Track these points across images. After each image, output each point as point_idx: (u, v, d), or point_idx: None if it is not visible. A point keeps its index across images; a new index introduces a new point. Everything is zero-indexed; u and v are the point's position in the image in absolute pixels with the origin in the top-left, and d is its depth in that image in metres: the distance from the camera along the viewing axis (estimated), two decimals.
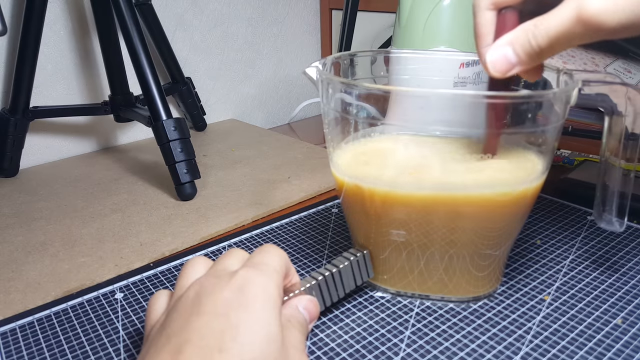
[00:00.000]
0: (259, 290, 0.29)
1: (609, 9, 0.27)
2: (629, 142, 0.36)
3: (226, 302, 0.28)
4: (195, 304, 0.28)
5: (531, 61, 0.31)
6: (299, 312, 0.33)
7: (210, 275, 0.30)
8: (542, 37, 0.30)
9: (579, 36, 0.28)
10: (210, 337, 0.26)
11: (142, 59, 0.59)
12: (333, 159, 0.38)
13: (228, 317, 0.27)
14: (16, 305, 0.41)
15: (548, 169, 0.36)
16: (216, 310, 0.27)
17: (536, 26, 0.30)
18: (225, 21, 0.91)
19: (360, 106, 0.36)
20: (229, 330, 0.26)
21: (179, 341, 0.26)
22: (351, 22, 0.81)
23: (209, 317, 0.27)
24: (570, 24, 0.28)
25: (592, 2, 0.27)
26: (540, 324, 0.37)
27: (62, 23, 0.74)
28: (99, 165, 0.74)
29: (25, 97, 0.67)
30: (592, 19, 0.27)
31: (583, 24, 0.28)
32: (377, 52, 0.43)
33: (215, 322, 0.27)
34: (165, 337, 0.27)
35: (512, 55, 0.31)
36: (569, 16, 0.28)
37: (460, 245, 0.36)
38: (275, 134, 0.85)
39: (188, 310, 0.28)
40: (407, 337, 0.36)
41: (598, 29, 0.27)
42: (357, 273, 0.38)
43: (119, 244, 0.51)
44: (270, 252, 0.33)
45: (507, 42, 0.31)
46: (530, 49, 0.30)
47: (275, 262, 0.32)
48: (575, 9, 0.28)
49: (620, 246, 0.46)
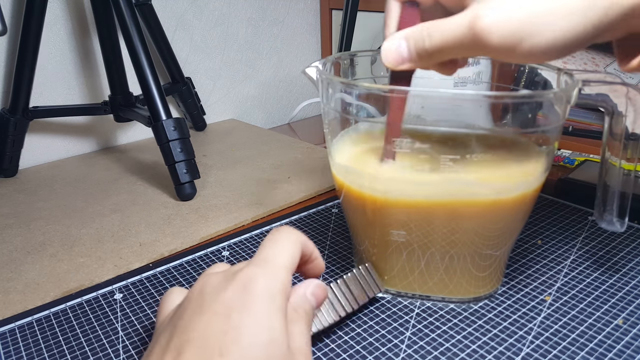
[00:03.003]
0: (262, 290, 0.28)
1: (501, 28, 0.27)
2: (629, 142, 0.36)
3: (228, 302, 0.27)
4: (199, 302, 0.28)
5: (421, 60, 0.31)
6: (306, 299, 0.32)
7: (219, 274, 0.30)
8: (435, 39, 0.29)
9: (467, 46, 0.28)
10: (211, 338, 0.26)
11: (142, 59, 0.59)
12: (333, 158, 0.38)
13: (230, 318, 0.27)
14: (15, 306, 0.41)
15: (549, 169, 0.36)
16: (218, 310, 0.27)
17: (433, 26, 0.30)
18: (225, 21, 0.91)
19: (360, 106, 0.36)
20: (230, 331, 0.26)
21: (181, 340, 0.26)
22: (351, 22, 0.81)
23: (211, 316, 0.27)
24: (462, 32, 0.28)
25: (487, 15, 0.27)
26: (542, 324, 0.37)
27: (62, 23, 0.74)
28: (98, 165, 0.74)
29: (25, 97, 0.67)
30: (481, 31, 0.27)
31: (472, 34, 0.27)
32: (377, 52, 0.43)
33: (216, 323, 0.26)
34: (169, 334, 0.27)
35: (404, 49, 0.31)
36: (463, 23, 0.28)
37: (461, 245, 0.36)
38: (275, 134, 0.85)
39: (192, 308, 0.28)
40: (408, 337, 0.36)
41: (482, 43, 0.27)
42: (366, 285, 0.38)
43: (118, 244, 0.51)
44: (280, 241, 0.31)
45: (404, 35, 0.31)
46: (422, 47, 0.30)
47: (283, 255, 0.30)
48: (471, 18, 0.27)
49: (621, 246, 0.46)
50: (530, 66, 0.38)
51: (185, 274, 0.44)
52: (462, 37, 0.28)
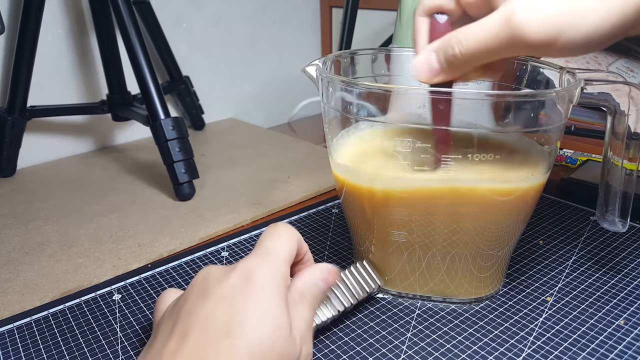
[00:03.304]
0: (265, 280, 0.29)
1: (539, 21, 0.26)
2: (631, 141, 0.35)
3: (232, 289, 0.28)
4: (202, 289, 0.29)
5: (455, 68, 0.30)
6: (315, 284, 0.32)
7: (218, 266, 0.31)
8: (468, 43, 0.29)
9: (505, 44, 0.27)
10: (217, 321, 0.27)
11: (140, 58, 0.59)
12: (333, 158, 0.38)
13: (234, 303, 0.27)
14: (13, 306, 0.41)
15: (550, 168, 0.35)
16: (222, 295, 0.28)
17: (465, 31, 0.29)
18: (224, 19, 0.91)
19: (360, 105, 0.36)
20: (236, 315, 0.27)
21: (185, 325, 0.27)
22: (352, 20, 0.81)
23: (215, 302, 0.28)
24: (498, 29, 0.27)
25: (524, 9, 0.26)
26: (543, 325, 0.36)
27: (59, 22, 0.73)
28: (96, 165, 0.73)
29: (23, 97, 0.67)
30: (519, 25, 0.26)
31: (509, 30, 0.27)
32: (377, 51, 0.43)
33: (221, 308, 0.27)
34: (173, 320, 0.28)
35: (435, 62, 0.30)
36: (499, 20, 0.27)
37: (462, 246, 0.35)
38: (275, 134, 0.84)
39: (195, 295, 0.29)
40: (409, 338, 0.36)
41: (521, 39, 0.27)
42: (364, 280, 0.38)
43: (116, 244, 0.50)
44: (279, 235, 0.32)
45: (434, 48, 0.30)
46: (453, 55, 0.29)
47: (283, 249, 0.31)
48: (507, 13, 0.27)
49: (623, 247, 0.46)
50: (533, 65, 0.38)
51: (184, 275, 0.44)
52: (498, 35, 0.27)
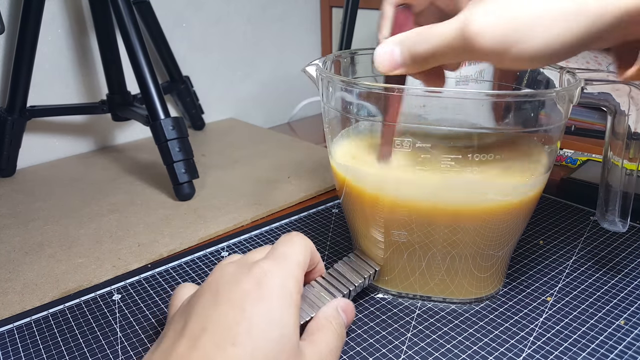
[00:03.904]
0: (277, 286, 0.29)
1: (490, 33, 0.26)
2: (632, 141, 0.35)
3: (243, 294, 0.28)
4: (214, 292, 0.29)
5: (415, 65, 0.30)
6: (338, 313, 0.33)
7: (233, 264, 0.31)
8: (428, 44, 0.29)
9: (458, 51, 0.28)
10: (226, 328, 0.27)
11: (140, 58, 0.59)
12: (333, 158, 0.38)
13: (244, 309, 0.27)
14: (13, 307, 0.41)
15: (551, 168, 0.35)
16: (233, 301, 0.28)
17: (426, 31, 0.29)
18: (224, 19, 0.90)
19: (361, 105, 0.36)
20: (243, 322, 0.27)
21: (196, 329, 0.27)
22: (352, 20, 0.81)
23: (226, 307, 0.28)
24: (453, 36, 0.28)
25: (477, 20, 0.27)
26: (543, 325, 0.36)
27: (59, 22, 0.73)
28: (96, 165, 0.73)
29: (23, 96, 0.67)
30: (472, 36, 0.27)
31: (463, 39, 0.27)
32: None
33: (231, 314, 0.27)
34: (184, 321, 0.28)
35: (398, 54, 0.31)
36: (454, 28, 0.27)
37: (463, 246, 0.35)
38: (275, 134, 0.84)
39: (208, 298, 0.29)
40: (409, 339, 0.35)
41: (473, 48, 0.27)
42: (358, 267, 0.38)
43: (116, 244, 0.50)
44: (294, 242, 0.33)
45: (397, 40, 0.31)
46: (415, 53, 0.30)
47: (297, 254, 0.32)
48: (461, 23, 0.27)
49: (623, 247, 0.46)
50: None
51: (184, 275, 0.44)
52: (453, 42, 0.28)
